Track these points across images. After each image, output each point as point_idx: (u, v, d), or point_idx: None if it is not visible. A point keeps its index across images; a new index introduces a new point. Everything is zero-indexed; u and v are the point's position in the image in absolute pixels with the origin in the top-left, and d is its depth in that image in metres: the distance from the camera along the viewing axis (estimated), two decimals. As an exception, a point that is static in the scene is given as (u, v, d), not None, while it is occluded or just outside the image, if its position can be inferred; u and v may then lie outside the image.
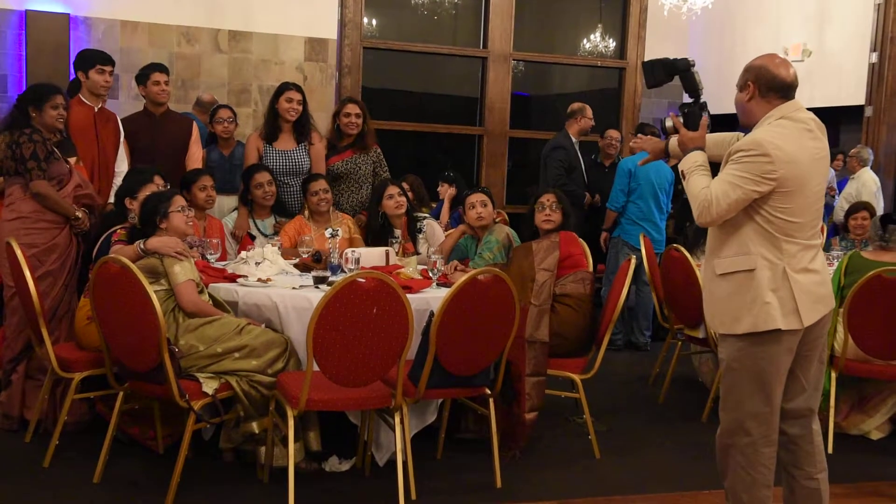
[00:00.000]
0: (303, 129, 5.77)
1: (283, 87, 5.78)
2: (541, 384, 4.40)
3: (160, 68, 5.70)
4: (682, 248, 5.32)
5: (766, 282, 3.13)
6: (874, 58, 8.16)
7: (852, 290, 4.65)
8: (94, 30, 7.57)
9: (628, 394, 5.87)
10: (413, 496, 3.79)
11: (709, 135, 3.43)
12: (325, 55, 8.34)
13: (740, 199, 3.12)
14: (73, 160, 4.78)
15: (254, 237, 5.40)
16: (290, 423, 3.55)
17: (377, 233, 5.47)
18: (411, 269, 4.62)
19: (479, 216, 5.12)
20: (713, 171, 3.28)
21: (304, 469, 4.00)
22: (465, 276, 3.74)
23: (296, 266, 4.75)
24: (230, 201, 5.73)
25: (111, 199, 5.04)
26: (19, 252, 4.09)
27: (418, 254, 5.30)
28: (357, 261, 4.37)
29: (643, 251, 5.87)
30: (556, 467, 4.39)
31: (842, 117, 8.88)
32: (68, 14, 7.43)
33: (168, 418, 4.22)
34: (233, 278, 4.39)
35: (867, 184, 8.09)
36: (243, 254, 4.68)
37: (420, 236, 5.49)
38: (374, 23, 9.04)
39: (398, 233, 5.46)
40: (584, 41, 9.97)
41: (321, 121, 6.28)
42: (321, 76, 8.33)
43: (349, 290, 3.43)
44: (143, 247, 3.94)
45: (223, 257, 4.92)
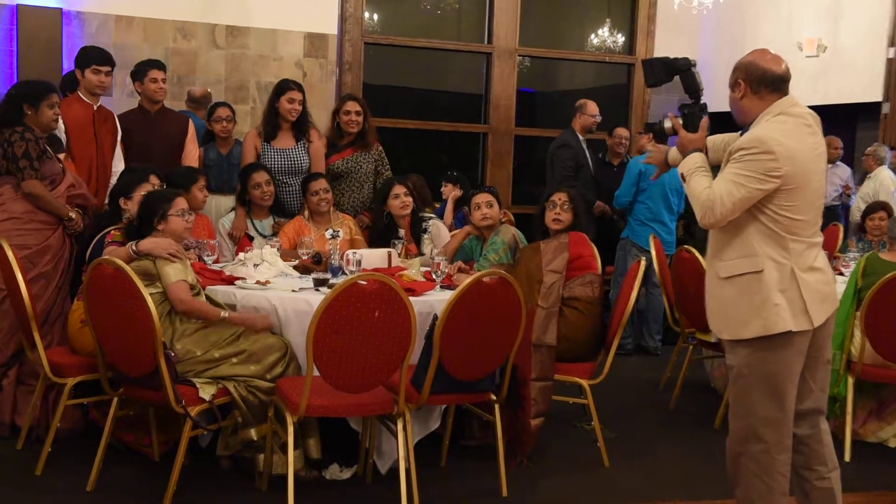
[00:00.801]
0: (302, 127, 5.77)
1: (285, 86, 5.76)
2: (547, 389, 4.39)
3: (157, 65, 5.70)
4: (693, 250, 5.30)
5: (775, 283, 3.12)
6: (892, 53, 8.14)
7: (870, 293, 4.63)
8: (88, 25, 7.58)
9: (638, 399, 5.85)
10: (416, 505, 3.78)
11: (709, 138, 3.42)
12: (325, 51, 8.34)
13: (745, 199, 3.11)
14: (61, 156, 4.78)
15: (252, 238, 5.40)
16: (290, 429, 3.54)
17: (381, 233, 5.46)
18: (414, 270, 4.61)
19: (485, 217, 5.10)
20: (713, 175, 3.27)
21: (303, 477, 3.99)
22: (469, 278, 3.73)
23: (295, 268, 4.75)
24: (228, 201, 5.72)
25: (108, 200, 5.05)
26: (10, 254, 4.08)
27: (422, 255, 5.29)
28: (358, 262, 4.36)
29: (653, 253, 5.86)
30: (564, 475, 4.38)
31: (858, 114, 8.86)
32: (61, 9, 7.43)
33: (164, 425, 4.22)
34: (230, 280, 4.39)
35: (884, 183, 8.07)
36: (241, 255, 4.68)
37: (425, 237, 5.48)
38: (375, 17, 9.04)
39: (402, 233, 5.45)
40: (592, 36, 9.96)
41: (321, 119, 6.27)
42: (321, 72, 8.33)
43: (350, 292, 3.42)
44: (135, 248, 3.93)
45: (220, 259, 4.91)
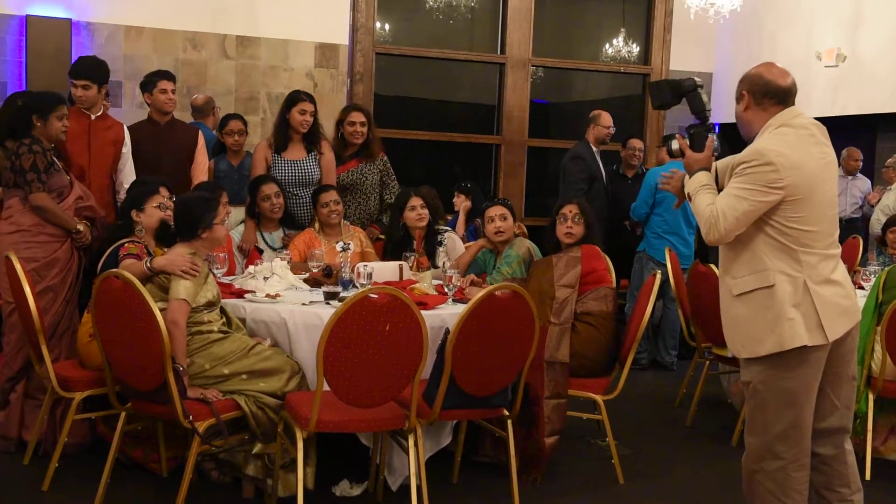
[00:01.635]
0: (313, 138, 5.79)
1: (296, 98, 5.78)
2: (561, 407, 4.39)
3: (167, 76, 5.74)
4: (712, 266, 5.29)
5: (788, 297, 3.12)
6: (913, 63, 8.11)
7: (891, 307, 4.61)
8: (97, 35, 7.64)
9: (653, 416, 5.85)
10: (427, 522, 3.78)
11: (718, 161, 3.44)
12: (335, 61, 8.38)
13: (748, 212, 3.11)
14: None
15: (262, 251, 5.42)
16: (300, 444, 3.55)
17: (397, 245, 5.44)
18: (426, 284, 4.62)
19: (499, 230, 5.11)
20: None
21: None
22: (482, 292, 3.73)
23: (305, 281, 4.77)
24: (238, 213, 5.74)
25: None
26: (19, 266, 4.10)
27: (436, 267, 5.29)
28: (369, 275, 4.38)
29: (669, 266, 5.86)
30: (578, 493, 4.38)
31: (878, 125, 8.84)
32: (70, 19, 7.50)
33: (172, 440, 4.24)
34: (240, 294, 4.41)
35: (905, 195, 8.03)
36: (251, 268, 4.70)
37: (440, 249, 5.48)
38: (387, 27, 9.08)
39: (414, 244, 5.45)
40: (607, 46, 9.98)
41: (331, 130, 6.30)
42: (332, 83, 8.37)
43: (361, 306, 3.43)
44: (150, 265, 3.95)
45: (230, 271, 4.93)
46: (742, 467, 3.33)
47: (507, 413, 4.01)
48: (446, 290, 4.54)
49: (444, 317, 4.13)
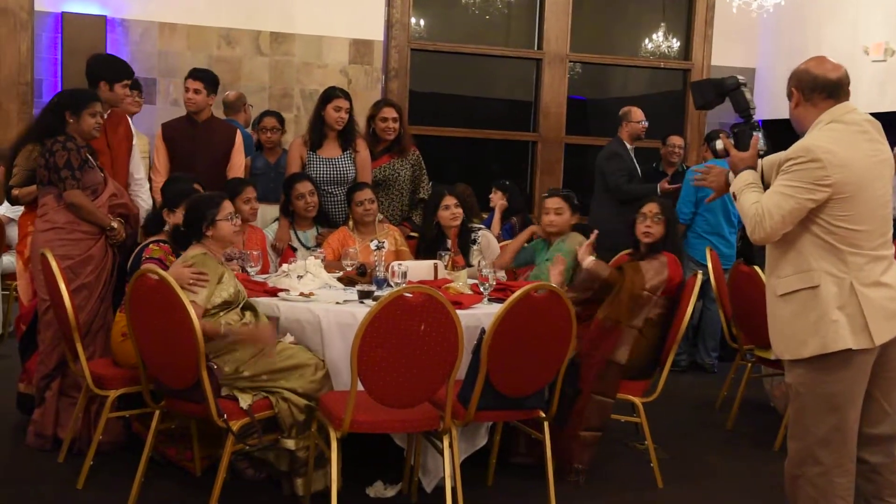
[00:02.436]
0: (348, 136, 5.81)
1: (332, 94, 5.79)
2: (604, 406, 4.39)
3: (192, 74, 5.76)
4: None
5: (832, 298, 3.09)
6: (964, 57, 8.02)
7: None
8: (132, 32, 7.75)
9: (693, 419, 5.82)
10: (462, 524, 3.80)
11: (764, 158, 3.41)
12: (370, 57, 8.43)
13: (794, 210, 3.09)
14: None
15: (295, 249, 5.47)
16: (334, 444, 3.58)
17: (431, 244, 5.47)
18: (461, 283, 4.63)
19: (551, 223, 5.14)
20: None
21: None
22: (518, 291, 3.74)
23: (339, 280, 4.79)
24: (275, 211, 5.77)
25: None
26: (54, 264, 4.16)
27: (470, 266, 5.31)
28: (404, 274, 4.40)
29: (710, 266, 5.83)
30: (615, 496, 4.38)
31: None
32: (105, 16, 7.61)
33: (206, 439, 4.29)
34: (273, 292, 4.45)
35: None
36: (284, 267, 4.74)
37: (474, 248, 5.50)
38: (422, 23, 9.12)
39: (449, 243, 5.47)
40: (646, 41, 9.94)
41: (362, 126, 6.34)
42: (366, 79, 8.42)
43: (396, 305, 3.45)
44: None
45: (265, 270, 4.98)
46: (785, 471, 3.31)
47: (544, 414, 4.02)
48: (482, 289, 4.55)
49: (480, 316, 4.14)
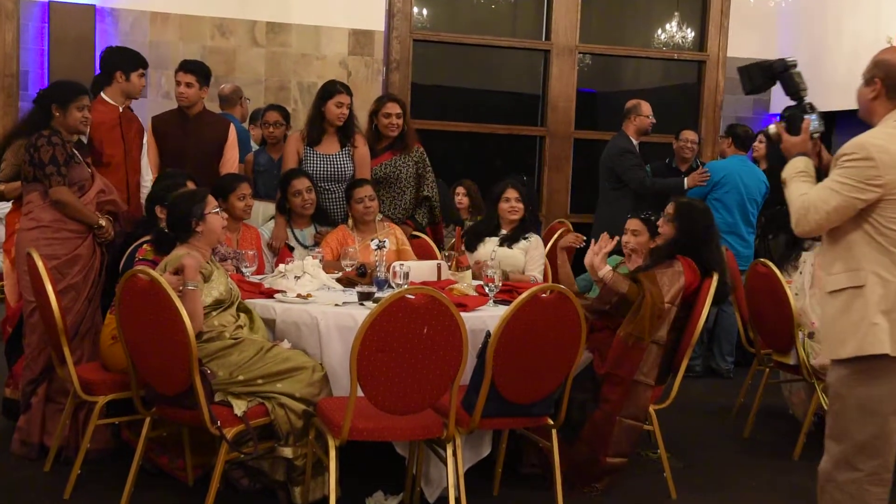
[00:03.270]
0: (347, 131, 5.79)
1: (333, 90, 5.74)
2: (634, 430, 4.38)
3: (182, 66, 5.70)
4: (770, 263, 5.23)
5: (876, 301, 3.09)
6: None
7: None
8: (122, 22, 7.74)
9: (708, 426, 5.80)
10: (466, 537, 3.78)
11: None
12: (370, 48, 8.42)
13: (840, 208, 3.08)
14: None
15: (293, 249, 5.45)
16: (332, 453, 3.56)
17: (481, 232, 5.61)
18: (465, 284, 4.61)
19: (633, 249, 4.95)
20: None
21: None
22: (524, 293, 3.72)
23: (338, 281, 4.78)
24: (273, 209, 5.76)
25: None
26: (40, 264, 4.14)
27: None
28: (406, 275, 4.38)
29: (726, 266, 5.79)
30: (627, 508, 4.36)
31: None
32: (94, 5, 7.60)
33: (199, 447, 4.26)
34: (270, 294, 4.43)
35: None
36: (281, 267, 4.72)
37: (521, 244, 5.48)
38: (424, 13, 9.09)
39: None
40: (659, 31, 9.91)
41: (364, 121, 6.31)
42: (367, 71, 8.41)
43: (397, 307, 3.44)
44: None
45: (260, 270, 4.96)
46: (818, 474, 3.31)
47: (552, 422, 4.00)
48: (486, 291, 4.52)
49: (485, 319, 4.12)
